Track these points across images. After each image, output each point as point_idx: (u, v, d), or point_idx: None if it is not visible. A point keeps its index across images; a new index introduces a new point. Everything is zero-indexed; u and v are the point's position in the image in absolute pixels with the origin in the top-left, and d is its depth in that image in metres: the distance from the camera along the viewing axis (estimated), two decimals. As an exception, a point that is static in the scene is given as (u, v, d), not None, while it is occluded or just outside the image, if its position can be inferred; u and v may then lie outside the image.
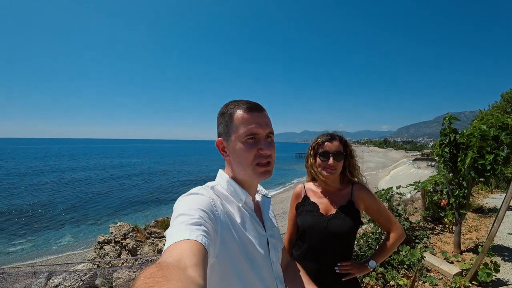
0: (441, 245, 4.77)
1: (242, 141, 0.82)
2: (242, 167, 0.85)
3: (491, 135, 3.66)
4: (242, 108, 0.84)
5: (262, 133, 0.84)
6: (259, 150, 0.83)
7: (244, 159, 0.83)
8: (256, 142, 0.83)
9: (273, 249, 0.93)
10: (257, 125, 0.83)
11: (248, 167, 0.83)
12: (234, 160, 0.86)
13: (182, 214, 0.66)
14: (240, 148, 0.83)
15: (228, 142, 0.85)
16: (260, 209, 0.99)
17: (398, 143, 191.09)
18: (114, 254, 9.41)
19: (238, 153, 0.83)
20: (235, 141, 0.83)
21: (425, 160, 54.93)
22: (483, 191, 9.73)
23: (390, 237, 1.52)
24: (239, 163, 0.85)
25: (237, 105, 0.86)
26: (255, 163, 0.83)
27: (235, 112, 0.84)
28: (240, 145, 0.83)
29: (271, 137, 0.88)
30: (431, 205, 6.07)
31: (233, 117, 0.84)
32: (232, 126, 0.84)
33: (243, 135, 0.82)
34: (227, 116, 0.86)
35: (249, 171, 0.84)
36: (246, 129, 0.82)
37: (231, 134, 0.84)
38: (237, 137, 0.83)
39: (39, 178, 39.76)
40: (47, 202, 25.52)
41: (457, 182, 4.17)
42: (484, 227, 5.74)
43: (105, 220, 19.96)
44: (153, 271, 0.43)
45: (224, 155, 0.89)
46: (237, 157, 0.84)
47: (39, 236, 17.26)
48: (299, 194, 1.63)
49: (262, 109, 0.88)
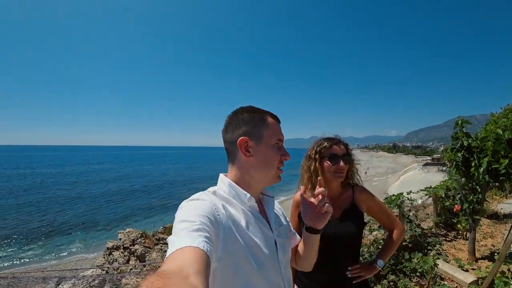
0: (455, 252, 4.63)
1: (272, 144, 0.89)
2: (267, 169, 0.89)
3: (506, 138, 3.57)
4: (270, 115, 0.93)
5: (283, 140, 0.94)
6: (281, 156, 0.91)
7: (272, 161, 0.89)
8: (281, 148, 0.92)
9: (281, 249, 0.92)
10: (281, 133, 0.94)
11: (273, 169, 0.90)
12: (259, 161, 0.88)
13: (184, 220, 0.66)
14: (271, 149, 0.89)
15: (257, 142, 0.88)
16: (265, 209, 0.98)
17: (407, 148, 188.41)
18: (123, 260, 9.46)
19: (266, 155, 0.88)
20: (266, 143, 0.89)
21: (436, 164, 53.90)
22: (498, 196, 9.45)
23: (393, 234, 1.56)
24: (264, 164, 0.89)
25: (263, 111, 0.93)
26: (278, 166, 0.91)
27: (267, 117, 0.91)
28: (270, 148, 0.89)
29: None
30: (443, 211, 5.92)
31: (266, 121, 0.90)
32: (265, 129, 0.89)
33: (274, 139, 0.90)
34: (257, 118, 0.90)
35: (272, 173, 0.90)
36: (277, 134, 0.91)
37: (263, 136, 0.88)
38: (269, 140, 0.89)
39: (52, 185, 40.58)
40: (58, 208, 26.01)
41: (471, 187, 4.06)
42: (500, 234, 5.56)
43: (114, 226, 20.17)
44: (155, 280, 0.42)
45: (246, 154, 0.88)
46: (265, 158, 0.88)
47: (50, 241, 17.55)
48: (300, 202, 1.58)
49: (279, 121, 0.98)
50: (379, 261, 1.51)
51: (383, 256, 1.54)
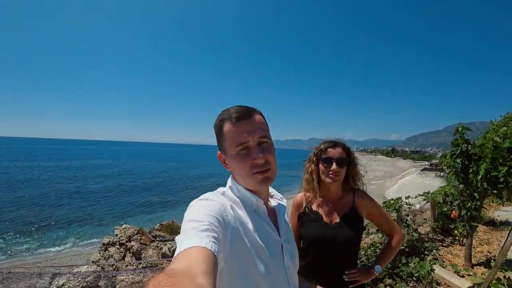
0: (451, 257, 4.64)
1: (234, 154, 0.82)
2: (242, 178, 0.85)
3: (504, 147, 3.58)
4: (229, 119, 0.82)
5: (252, 141, 0.81)
6: (253, 160, 0.81)
7: (240, 171, 0.83)
8: (249, 152, 0.82)
9: (288, 255, 0.91)
10: (246, 134, 0.81)
11: (247, 177, 0.83)
12: (234, 172, 0.88)
13: (193, 220, 0.66)
14: (235, 160, 0.83)
15: (225, 155, 0.87)
16: (275, 213, 0.98)
17: (406, 152, 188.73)
18: (119, 256, 9.42)
19: (234, 166, 0.85)
20: (229, 154, 0.84)
21: (434, 170, 53.97)
22: (495, 203, 9.48)
23: (393, 240, 1.56)
24: (238, 175, 0.87)
25: (225, 116, 0.84)
26: (252, 172, 0.82)
27: (224, 125, 0.84)
28: (234, 158, 0.83)
29: (267, 142, 0.85)
30: (440, 216, 5.94)
31: (223, 130, 0.84)
32: (223, 140, 0.84)
33: (233, 148, 0.82)
34: (217, 130, 0.86)
35: (248, 181, 0.84)
36: (235, 141, 0.81)
37: (225, 148, 0.85)
38: (230, 151, 0.83)
39: (50, 179, 40.43)
40: (55, 202, 25.88)
41: (469, 193, 4.07)
42: (496, 241, 5.58)
43: (110, 222, 20.09)
44: (162, 279, 0.42)
45: (226, 167, 0.90)
46: (234, 169, 0.86)
47: (45, 235, 17.44)
48: (301, 203, 1.60)
49: (251, 114, 0.84)
50: (376, 267, 1.50)
51: (381, 262, 1.53)
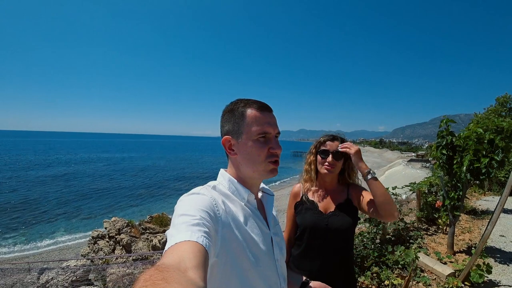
0: (435, 245, 4.83)
1: (254, 139, 0.83)
2: (253, 164, 0.85)
3: (487, 139, 3.70)
4: (254, 107, 0.85)
5: (273, 132, 0.86)
6: (269, 149, 0.84)
7: (256, 157, 0.84)
8: (267, 141, 0.85)
9: (277, 247, 0.93)
10: (269, 125, 0.85)
11: (260, 164, 0.84)
12: (243, 158, 0.86)
13: (183, 214, 0.65)
14: (252, 146, 0.83)
15: (238, 140, 0.85)
16: (263, 207, 0.99)
17: (393, 143, 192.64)
18: (108, 249, 9.37)
19: (249, 151, 0.84)
20: (247, 139, 0.84)
21: (420, 161, 55.43)
22: (476, 193, 9.85)
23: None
24: (249, 160, 0.85)
25: (247, 103, 0.86)
26: (268, 160, 0.85)
27: (246, 110, 0.85)
28: (251, 143, 0.84)
29: (278, 137, 0.90)
30: (425, 206, 6.13)
31: (245, 115, 0.84)
32: (244, 124, 0.84)
33: (255, 134, 0.83)
34: (237, 114, 0.86)
35: (260, 168, 0.85)
36: (259, 128, 0.83)
37: (242, 132, 0.84)
38: (249, 135, 0.84)
39: (34, 172, 39.40)
40: (40, 196, 25.28)
41: (453, 184, 4.21)
42: (477, 229, 5.82)
43: (99, 215, 19.84)
44: (153, 273, 0.43)
45: (231, 153, 0.88)
46: (248, 155, 0.85)
47: (32, 229, 17.11)
48: (298, 193, 1.67)
49: (271, 110, 0.90)
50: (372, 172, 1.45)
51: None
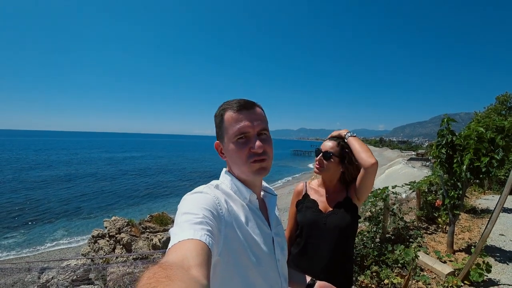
0: (435, 244, 4.83)
1: (233, 142, 0.83)
2: (238, 166, 0.86)
3: (487, 138, 3.70)
4: (232, 108, 0.84)
5: (252, 131, 0.83)
6: (250, 149, 0.82)
7: (238, 159, 0.84)
8: (247, 141, 0.83)
9: (278, 247, 0.93)
10: (247, 124, 0.83)
11: (243, 165, 0.84)
12: (230, 161, 0.89)
13: (187, 213, 0.66)
14: (232, 148, 0.84)
15: (223, 144, 0.88)
16: (265, 207, 0.99)
17: (393, 142, 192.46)
18: (108, 249, 9.37)
19: (231, 154, 0.85)
20: (228, 142, 0.85)
21: (420, 160, 55.41)
22: (476, 192, 9.85)
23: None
24: (234, 163, 0.87)
25: (227, 105, 0.86)
26: (250, 160, 0.83)
27: (225, 113, 0.85)
28: (232, 145, 0.84)
29: (266, 134, 0.87)
30: (425, 205, 6.13)
31: (224, 118, 0.85)
32: (223, 127, 0.86)
33: (233, 136, 0.83)
34: (218, 118, 0.88)
35: (244, 170, 0.84)
36: (236, 129, 0.82)
37: (223, 135, 0.86)
38: (229, 138, 0.84)
39: (35, 172, 39.36)
40: (41, 196, 25.28)
41: (452, 183, 4.21)
42: (477, 228, 5.83)
43: (99, 214, 19.84)
44: (157, 271, 0.43)
45: (222, 157, 0.90)
46: (231, 157, 0.86)
47: (33, 229, 17.12)
48: (300, 191, 1.69)
49: (253, 107, 0.87)
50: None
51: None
